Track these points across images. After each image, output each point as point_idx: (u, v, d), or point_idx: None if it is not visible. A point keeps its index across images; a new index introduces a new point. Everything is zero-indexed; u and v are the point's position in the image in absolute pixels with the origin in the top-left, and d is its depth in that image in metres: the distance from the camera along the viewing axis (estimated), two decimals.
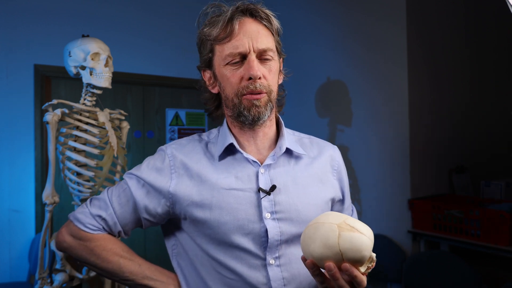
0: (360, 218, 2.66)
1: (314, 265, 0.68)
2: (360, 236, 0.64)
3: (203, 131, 3.66)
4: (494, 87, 2.90)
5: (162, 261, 1.24)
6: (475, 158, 2.74)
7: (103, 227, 0.90)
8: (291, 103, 3.29)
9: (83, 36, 1.88)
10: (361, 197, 2.67)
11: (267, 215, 0.83)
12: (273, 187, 0.85)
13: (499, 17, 2.82)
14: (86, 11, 3.09)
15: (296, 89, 3.23)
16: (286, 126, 0.95)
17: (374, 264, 0.68)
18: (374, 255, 0.68)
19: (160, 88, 3.55)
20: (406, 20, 2.37)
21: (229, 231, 0.83)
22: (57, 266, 1.83)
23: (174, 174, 0.88)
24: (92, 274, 1.91)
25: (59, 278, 1.81)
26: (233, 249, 0.84)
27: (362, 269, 0.66)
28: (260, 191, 0.84)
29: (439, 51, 2.56)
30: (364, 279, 0.67)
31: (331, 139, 2.88)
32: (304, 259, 0.71)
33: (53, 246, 1.80)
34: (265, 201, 0.84)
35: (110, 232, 0.91)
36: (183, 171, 0.88)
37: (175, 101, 3.62)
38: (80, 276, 1.88)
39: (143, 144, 3.44)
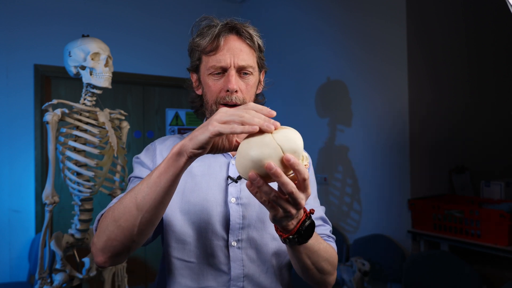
0: (360, 218, 2.67)
1: (256, 175, 0.63)
2: (289, 131, 0.67)
3: None
4: (494, 87, 2.90)
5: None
6: (475, 158, 2.75)
7: None
8: (291, 103, 3.30)
9: (83, 36, 1.88)
10: (361, 197, 2.67)
11: (232, 199, 0.92)
12: (240, 176, 0.93)
13: (499, 17, 2.83)
14: (86, 11, 3.10)
15: (296, 89, 3.23)
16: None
17: (308, 164, 0.69)
18: (306, 153, 0.70)
19: (160, 88, 3.55)
20: (406, 20, 2.37)
21: (199, 211, 0.91)
22: (57, 266, 1.83)
23: (156, 157, 0.97)
24: (92, 274, 1.91)
25: (59, 278, 1.81)
26: (200, 229, 0.91)
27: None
28: (229, 179, 0.94)
29: (439, 51, 2.56)
30: (306, 171, 0.63)
31: (331, 139, 2.88)
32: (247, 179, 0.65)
33: (53, 246, 1.80)
34: (232, 187, 0.93)
35: None
36: (161, 158, 0.96)
37: (175, 101, 3.62)
38: (80, 276, 1.88)
39: (143, 144, 3.44)
